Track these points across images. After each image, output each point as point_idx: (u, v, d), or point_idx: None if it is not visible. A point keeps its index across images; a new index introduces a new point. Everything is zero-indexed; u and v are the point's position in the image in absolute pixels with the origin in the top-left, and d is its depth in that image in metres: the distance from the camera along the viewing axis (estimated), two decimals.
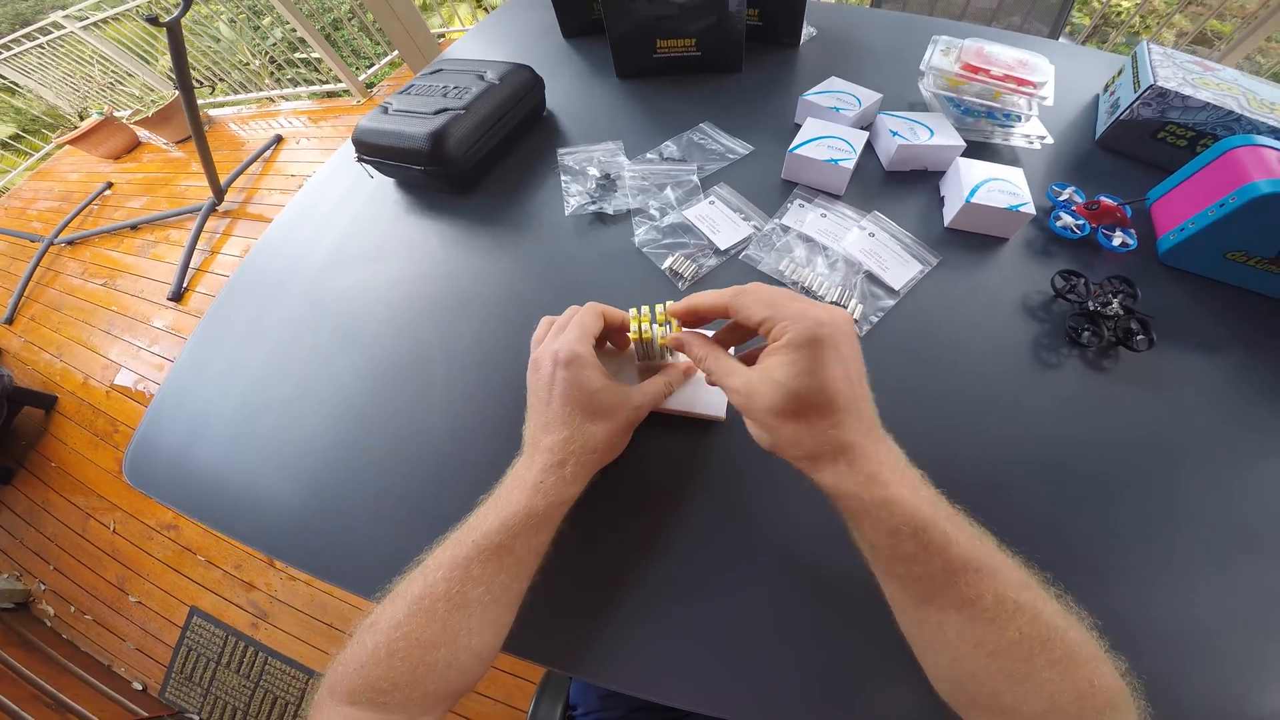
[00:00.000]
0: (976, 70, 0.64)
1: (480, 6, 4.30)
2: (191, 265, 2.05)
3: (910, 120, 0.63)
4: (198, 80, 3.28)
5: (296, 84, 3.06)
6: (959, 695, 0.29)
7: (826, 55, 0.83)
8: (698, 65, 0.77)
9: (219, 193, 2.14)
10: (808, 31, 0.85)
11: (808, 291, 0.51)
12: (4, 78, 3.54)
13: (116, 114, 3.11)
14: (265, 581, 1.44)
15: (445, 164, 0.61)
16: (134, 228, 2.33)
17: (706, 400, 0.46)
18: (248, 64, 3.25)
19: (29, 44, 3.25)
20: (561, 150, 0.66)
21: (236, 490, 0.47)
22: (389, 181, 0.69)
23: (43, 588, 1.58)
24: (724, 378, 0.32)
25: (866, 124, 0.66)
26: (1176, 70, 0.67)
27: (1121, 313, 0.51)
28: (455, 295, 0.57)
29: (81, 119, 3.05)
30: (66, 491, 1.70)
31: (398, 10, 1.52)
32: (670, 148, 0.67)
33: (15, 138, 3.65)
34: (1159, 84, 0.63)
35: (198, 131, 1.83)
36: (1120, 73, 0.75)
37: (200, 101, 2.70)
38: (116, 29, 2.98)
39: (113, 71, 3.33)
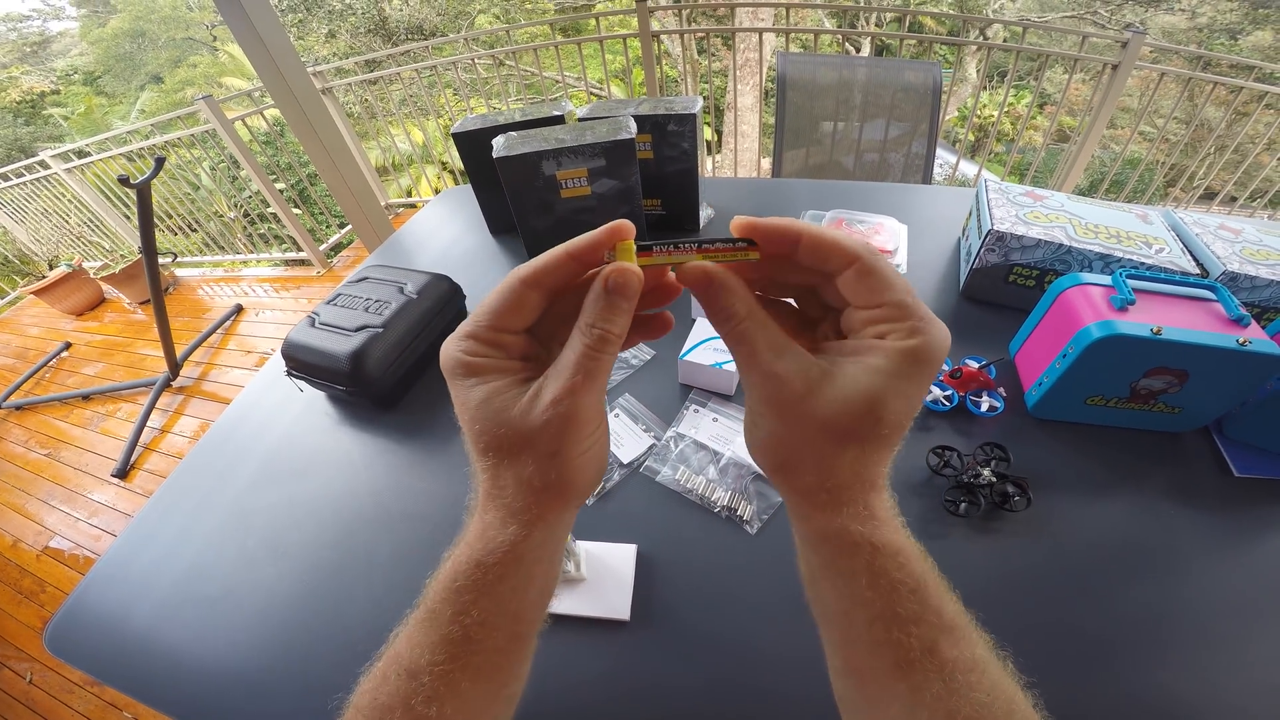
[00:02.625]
0: None
1: (446, 169, 4.64)
2: (141, 442, 2.02)
3: None
4: (170, 231, 3.42)
5: (268, 240, 3.21)
6: None
7: None
8: None
9: (174, 368, 2.16)
10: (705, 213, 0.97)
11: (701, 499, 0.54)
12: None
13: (85, 264, 3.19)
14: None
15: (365, 384, 0.65)
16: (85, 398, 2.31)
17: (607, 600, 0.45)
18: (223, 215, 3.44)
19: (15, 180, 3.37)
20: None
21: (160, 667, 0.49)
22: (320, 395, 0.73)
23: None
24: (770, 356, 0.22)
25: None
26: (1010, 208, 0.72)
27: (994, 480, 0.54)
28: (377, 513, 0.59)
29: (51, 267, 3.09)
30: None
31: (351, 185, 1.66)
32: None
33: None
34: (995, 227, 0.68)
35: (158, 301, 1.89)
36: (970, 215, 0.83)
37: (165, 261, 2.79)
38: (101, 169, 3.09)
39: (88, 220, 3.44)
